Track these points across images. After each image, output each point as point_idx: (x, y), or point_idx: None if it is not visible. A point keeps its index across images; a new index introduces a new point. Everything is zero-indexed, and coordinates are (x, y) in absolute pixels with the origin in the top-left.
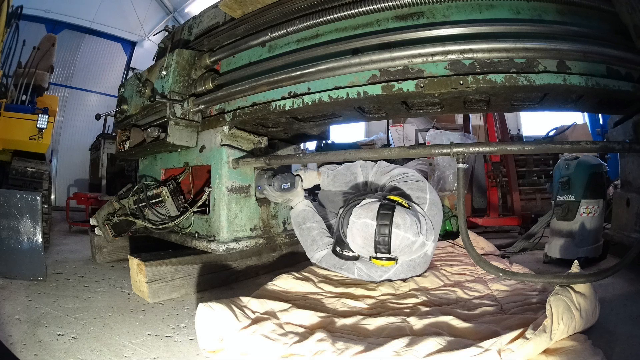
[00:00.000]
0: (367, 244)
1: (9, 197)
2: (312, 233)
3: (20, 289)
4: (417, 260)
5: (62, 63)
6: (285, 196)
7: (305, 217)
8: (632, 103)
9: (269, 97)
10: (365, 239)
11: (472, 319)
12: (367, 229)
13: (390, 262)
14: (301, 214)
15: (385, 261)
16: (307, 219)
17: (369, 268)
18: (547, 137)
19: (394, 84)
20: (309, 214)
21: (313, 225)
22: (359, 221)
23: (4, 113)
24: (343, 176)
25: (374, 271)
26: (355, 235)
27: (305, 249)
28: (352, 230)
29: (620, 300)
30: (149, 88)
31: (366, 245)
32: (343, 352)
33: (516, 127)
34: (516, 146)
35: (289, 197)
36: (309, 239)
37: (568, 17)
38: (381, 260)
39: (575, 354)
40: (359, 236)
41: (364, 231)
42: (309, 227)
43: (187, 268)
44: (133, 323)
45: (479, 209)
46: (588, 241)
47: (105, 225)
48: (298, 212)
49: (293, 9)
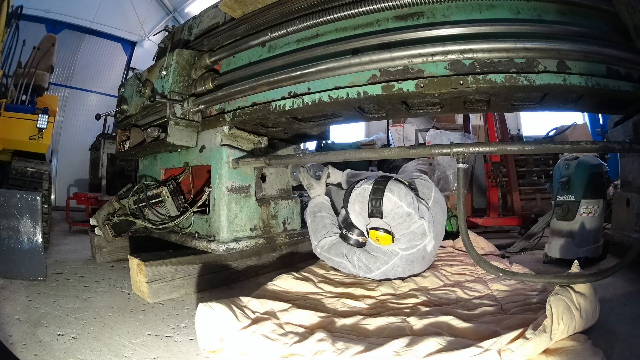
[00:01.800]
0: (363, 208)
1: (9, 197)
2: (324, 220)
3: (20, 289)
4: (416, 254)
5: (62, 63)
6: (312, 183)
7: (322, 207)
8: (632, 103)
9: (269, 97)
10: (361, 203)
11: (472, 319)
12: (363, 193)
13: (386, 237)
14: (319, 205)
15: (382, 234)
16: (323, 208)
17: (368, 258)
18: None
19: (394, 84)
20: (325, 206)
21: (327, 214)
22: (359, 188)
23: (4, 113)
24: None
25: (372, 262)
26: (354, 202)
27: (313, 233)
28: (351, 198)
29: (620, 300)
30: (149, 88)
31: (362, 210)
32: (343, 352)
33: (516, 127)
34: (516, 146)
35: (314, 184)
36: (320, 225)
37: (568, 17)
38: (378, 232)
39: (575, 354)
40: (357, 202)
41: (360, 195)
42: (323, 215)
43: (187, 268)
44: (133, 323)
45: (479, 209)
46: (588, 241)
47: (105, 225)
48: (316, 203)
49: (293, 9)
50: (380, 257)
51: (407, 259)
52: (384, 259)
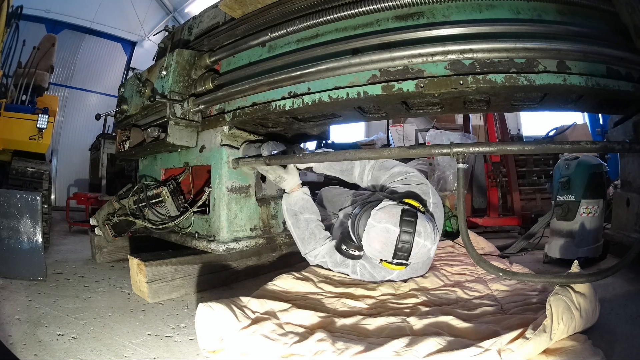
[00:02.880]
0: (386, 250)
1: (9, 197)
2: (310, 225)
3: (20, 289)
4: (423, 264)
5: (62, 63)
6: (278, 171)
7: (304, 206)
8: (632, 103)
9: (269, 97)
10: (384, 244)
11: (472, 319)
12: (388, 235)
13: (401, 267)
14: (299, 202)
15: (397, 265)
16: (305, 208)
17: (373, 267)
18: (547, 137)
19: (394, 84)
20: (307, 204)
21: (312, 217)
22: (380, 225)
23: (4, 113)
24: (339, 163)
25: (377, 271)
26: (373, 240)
27: (301, 241)
28: (369, 233)
29: (620, 300)
30: (149, 88)
31: (384, 250)
32: (343, 352)
33: (516, 127)
34: (516, 146)
35: (281, 173)
36: (307, 232)
37: (568, 17)
38: (392, 264)
39: (575, 354)
40: (377, 241)
41: (384, 237)
42: (307, 218)
43: (187, 268)
44: (133, 323)
45: (479, 209)
46: (588, 241)
47: (105, 225)
48: (296, 200)
49: (293, 9)
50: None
51: (413, 267)
52: (391, 270)
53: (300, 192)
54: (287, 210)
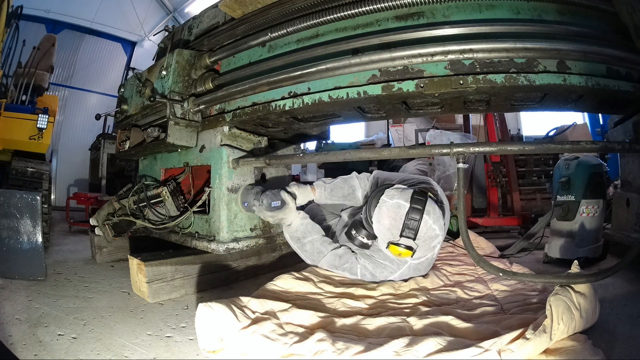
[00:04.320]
0: (394, 226)
1: (9, 197)
2: (315, 245)
3: (20, 289)
4: (425, 263)
5: (62, 63)
6: (277, 215)
7: (306, 230)
8: (632, 103)
9: (269, 97)
10: (393, 220)
11: (472, 319)
12: (398, 210)
13: (408, 253)
14: (300, 229)
15: (404, 249)
16: (307, 232)
17: (375, 267)
18: (547, 137)
19: (394, 84)
20: (309, 227)
21: (315, 237)
22: (391, 201)
23: (4, 113)
24: (340, 189)
25: (379, 271)
26: (384, 215)
27: (311, 260)
28: (381, 209)
29: (620, 300)
30: (149, 88)
31: (392, 227)
32: (343, 352)
33: (516, 127)
34: (516, 146)
35: (281, 216)
36: (315, 252)
37: (568, 17)
38: (400, 247)
39: (575, 354)
40: (387, 216)
41: (394, 212)
42: (311, 240)
43: (187, 268)
44: (133, 323)
45: (479, 209)
46: (588, 241)
47: (105, 225)
48: (296, 228)
49: (293, 9)
50: (388, 265)
51: (415, 267)
52: (392, 268)
53: (299, 220)
54: (290, 237)
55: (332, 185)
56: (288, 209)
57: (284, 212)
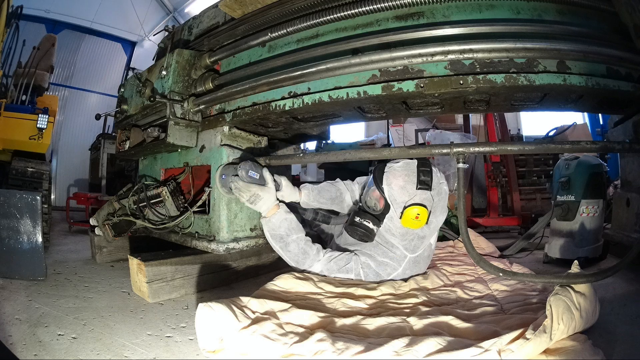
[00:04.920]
0: (409, 181)
1: (9, 197)
2: (300, 245)
3: (20, 289)
4: (424, 254)
5: (62, 63)
6: (252, 189)
7: (290, 227)
8: (632, 103)
9: (269, 97)
10: (406, 176)
11: (472, 319)
12: (408, 166)
13: (424, 212)
14: (284, 225)
15: (420, 208)
16: (292, 229)
17: (377, 265)
18: (547, 137)
19: (394, 84)
20: (292, 224)
21: (300, 235)
22: (399, 163)
23: (4, 113)
24: (327, 192)
25: (382, 269)
26: (396, 174)
27: (295, 263)
28: (389, 173)
29: (620, 300)
30: (149, 88)
31: (407, 182)
32: (343, 352)
33: (516, 127)
34: (516, 146)
35: (258, 191)
36: (300, 253)
37: (568, 17)
38: (415, 209)
39: (575, 354)
40: (399, 174)
41: (405, 168)
42: (296, 239)
43: (187, 268)
44: (133, 323)
45: (479, 209)
46: (588, 241)
47: (105, 225)
48: (279, 223)
49: (293, 9)
50: (390, 263)
51: (415, 261)
52: (394, 265)
53: (281, 213)
54: (271, 235)
55: (319, 188)
56: (266, 188)
57: (260, 189)
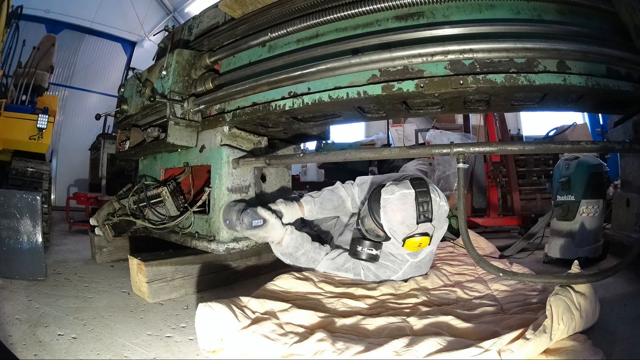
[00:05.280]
0: (408, 216)
1: (9, 197)
2: (309, 255)
3: (20, 289)
4: (425, 259)
5: (62, 63)
6: (259, 234)
7: (297, 244)
8: (632, 103)
9: (269, 97)
10: (405, 211)
11: (472, 319)
12: (405, 199)
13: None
14: (291, 244)
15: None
16: (299, 245)
17: (377, 267)
18: (547, 137)
19: (394, 84)
20: (299, 240)
21: (307, 247)
22: (395, 195)
23: (4, 113)
24: (330, 201)
25: (382, 271)
26: (394, 210)
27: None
28: (386, 208)
29: (620, 300)
30: (149, 88)
31: (406, 218)
32: (343, 352)
33: (516, 127)
34: (516, 146)
35: (263, 234)
36: (310, 261)
37: (568, 17)
38: (416, 239)
39: (575, 354)
40: (397, 210)
41: (402, 202)
42: (304, 251)
43: (187, 268)
44: (133, 323)
45: (479, 209)
46: (588, 241)
47: (105, 225)
48: (287, 244)
49: (293, 9)
50: (390, 266)
51: (417, 266)
52: (394, 268)
53: (287, 237)
54: (281, 254)
55: (321, 199)
56: (269, 226)
57: (265, 230)
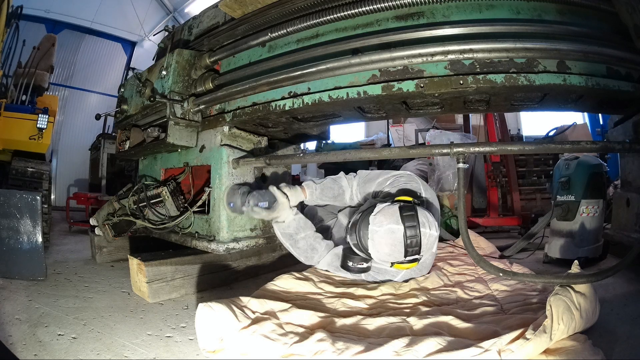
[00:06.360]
0: (396, 250)
1: (9, 197)
2: (309, 241)
3: (20, 289)
4: (427, 261)
5: (62, 63)
6: (271, 214)
7: (299, 226)
8: (632, 103)
9: (269, 97)
10: (392, 246)
11: (472, 319)
12: (394, 235)
13: (413, 264)
14: (292, 224)
15: (408, 264)
16: (300, 228)
17: (377, 271)
18: (547, 137)
19: (394, 84)
20: (301, 222)
21: (308, 233)
22: (382, 228)
23: (4, 113)
24: (330, 189)
25: (381, 275)
26: (381, 244)
27: (304, 258)
28: (374, 239)
29: (620, 300)
30: (149, 88)
31: (394, 252)
32: (343, 352)
33: (516, 127)
34: (516, 146)
35: (275, 214)
36: (308, 249)
37: (568, 17)
38: (404, 264)
39: (575, 354)
40: (384, 244)
41: (390, 237)
42: (305, 236)
43: (187, 268)
44: (133, 323)
45: (479, 209)
46: (588, 241)
47: (105, 225)
48: (288, 223)
49: (293, 9)
50: (390, 270)
51: (418, 267)
52: (393, 272)
53: (291, 215)
54: (281, 234)
55: (322, 186)
56: (281, 206)
57: (277, 211)
